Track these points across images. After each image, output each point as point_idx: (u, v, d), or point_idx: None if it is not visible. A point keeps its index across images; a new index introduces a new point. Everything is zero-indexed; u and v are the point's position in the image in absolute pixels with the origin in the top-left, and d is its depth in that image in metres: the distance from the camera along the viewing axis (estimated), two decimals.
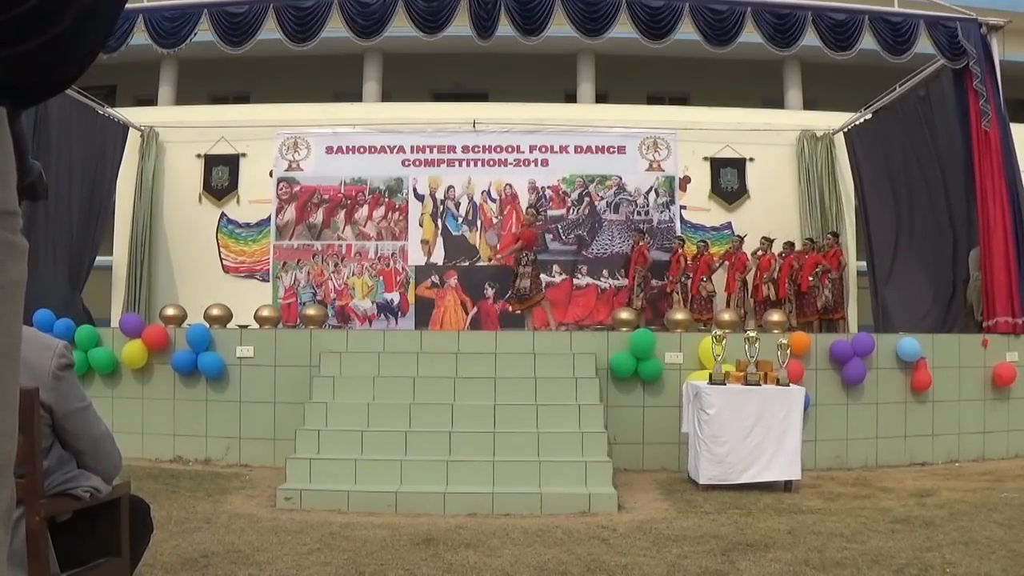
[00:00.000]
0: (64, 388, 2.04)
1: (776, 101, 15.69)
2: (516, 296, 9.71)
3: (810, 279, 10.98)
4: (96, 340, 7.61)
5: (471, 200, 12.18)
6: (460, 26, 8.86)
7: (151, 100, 15.59)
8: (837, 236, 11.43)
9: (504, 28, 8.78)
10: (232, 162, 12.40)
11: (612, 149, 12.26)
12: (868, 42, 8.76)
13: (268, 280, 12.08)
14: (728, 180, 12.38)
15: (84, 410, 2.10)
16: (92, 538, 2.21)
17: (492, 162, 12.22)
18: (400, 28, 8.94)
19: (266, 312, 8.51)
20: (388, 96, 15.75)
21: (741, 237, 11.73)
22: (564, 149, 12.24)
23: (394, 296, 12.04)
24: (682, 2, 8.55)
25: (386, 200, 12.18)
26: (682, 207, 12.22)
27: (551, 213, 12.12)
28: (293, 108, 12.75)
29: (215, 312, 8.13)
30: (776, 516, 5.32)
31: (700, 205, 12.30)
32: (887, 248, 10.91)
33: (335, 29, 8.79)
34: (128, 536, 2.25)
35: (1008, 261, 8.32)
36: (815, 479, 6.58)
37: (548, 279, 11.31)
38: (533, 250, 9.75)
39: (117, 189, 11.55)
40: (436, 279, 12.07)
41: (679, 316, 8.34)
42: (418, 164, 12.23)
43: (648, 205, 12.17)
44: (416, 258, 12.10)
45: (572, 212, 12.17)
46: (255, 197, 12.29)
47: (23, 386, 1.11)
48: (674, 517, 5.33)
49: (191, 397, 7.47)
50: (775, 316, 8.55)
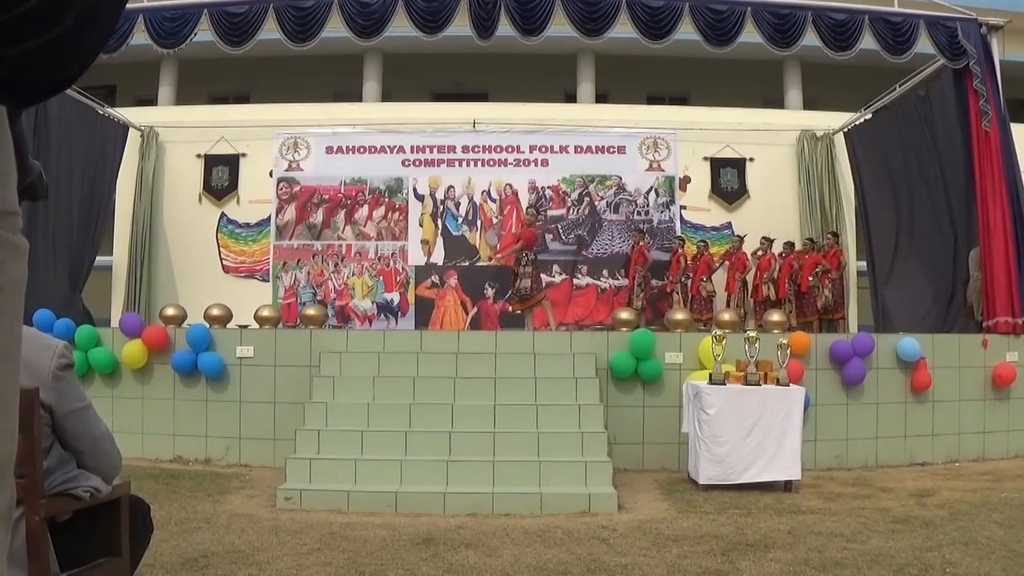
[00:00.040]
0: (64, 388, 2.04)
1: (776, 101, 15.69)
2: (517, 296, 9.70)
3: (810, 279, 10.98)
4: (96, 340, 7.61)
5: (471, 200, 12.18)
6: (460, 26, 8.87)
7: (151, 100, 15.59)
8: (837, 236, 11.43)
9: (504, 28, 8.78)
10: (232, 162, 12.41)
11: (612, 149, 12.26)
12: (868, 42, 8.76)
13: (268, 280, 12.08)
14: (728, 180, 12.38)
15: (84, 410, 2.10)
16: (92, 538, 2.21)
17: (492, 162, 12.22)
18: (400, 28, 8.94)
19: (266, 312, 8.51)
20: (388, 96, 15.75)
21: (741, 237, 11.74)
22: (564, 149, 12.24)
23: (394, 296, 12.04)
24: (682, 2, 8.55)
25: (386, 200, 12.18)
26: (682, 207, 12.22)
27: (551, 213, 12.12)
28: (293, 108, 12.75)
29: (215, 312, 8.13)
30: (776, 516, 5.32)
31: (700, 205, 12.30)
32: (887, 248, 10.90)
33: (335, 29, 8.80)
34: (128, 536, 2.25)
35: (1008, 261, 8.32)
36: (815, 479, 6.58)
37: (548, 279, 11.31)
38: (533, 250, 9.73)
39: (117, 189, 11.55)
40: (436, 279, 12.07)
41: (679, 316, 8.34)
42: (418, 164, 12.23)
43: (648, 205, 12.17)
44: (416, 258, 12.11)
45: (572, 212, 12.17)
46: (255, 197, 12.29)
47: (23, 386, 1.11)
48: (674, 517, 5.33)
49: (191, 397, 7.47)
50: (775, 316, 8.55)
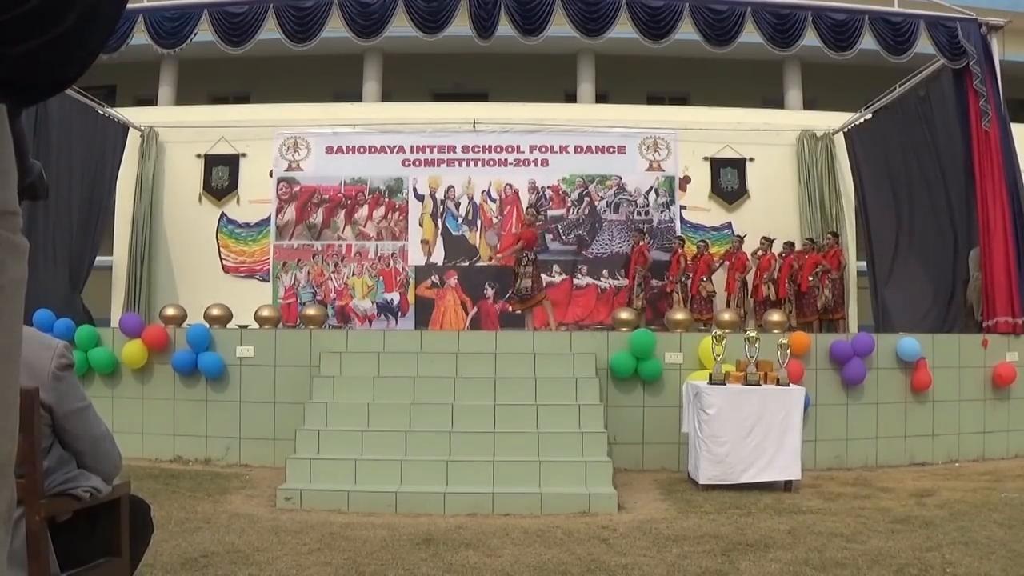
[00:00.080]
0: (64, 388, 2.04)
1: (776, 101, 15.69)
2: (517, 296, 9.70)
3: (810, 279, 10.98)
4: (96, 340, 7.61)
5: (471, 200, 12.18)
6: (460, 26, 8.87)
7: (151, 100, 15.59)
8: (837, 236, 11.43)
9: (504, 28, 8.78)
10: (232, 162, 12.40)
11: (612, 149, 12.26)
12: (868, 42, 8.76)
13: (268, 280, 12.08)
14: (728, 180, 12.38)
15: (84, 410, 2.10)
16: (92, 538, 2.20)
17: (492, 162, 12.22)
18: (400, 28, 8.94)
19: (266, 312, 8.51)
20: (388, 96, 15.75)
21: (741, 237, 11.73)
22: (564, 149, 12.24)
23: (394, 296, 12.04)
24: (682, 2, 8.55)
25: (386, 200, 12.18)
26: (682, 207, 12.22)
27: (551, 213, 12.11)
28: (293, 108, 12.75)
29: (215, 312, 8.13)
30: (776, 516, 5.32)
31: (700, 205, 12.30)
32: (887, 248, 10.90)
33: (335, 29, 8.79)
34: (128, 536, 2.25)
35: (1008, 261, 8.32)
36: (815, 479, 6.58)
37: (548, 279, 11.30)
38: (534, 250, 9.74)
39: (117, 189, 11.55)
40: (436, 279, 12.07)
41: (679, 316, 8.34)
42: (418, 164, 12.23)
43: (648, 205, 12.17)
44: (416, 258, 12.10)
45: (572, 212, 12.17)
46: (255, 197, 12.29)
47: (23, 386, 1.11)
48: (674, 517, 5.33)
49: (191, 397, 7.47)
50: (775, 316, 8.55)
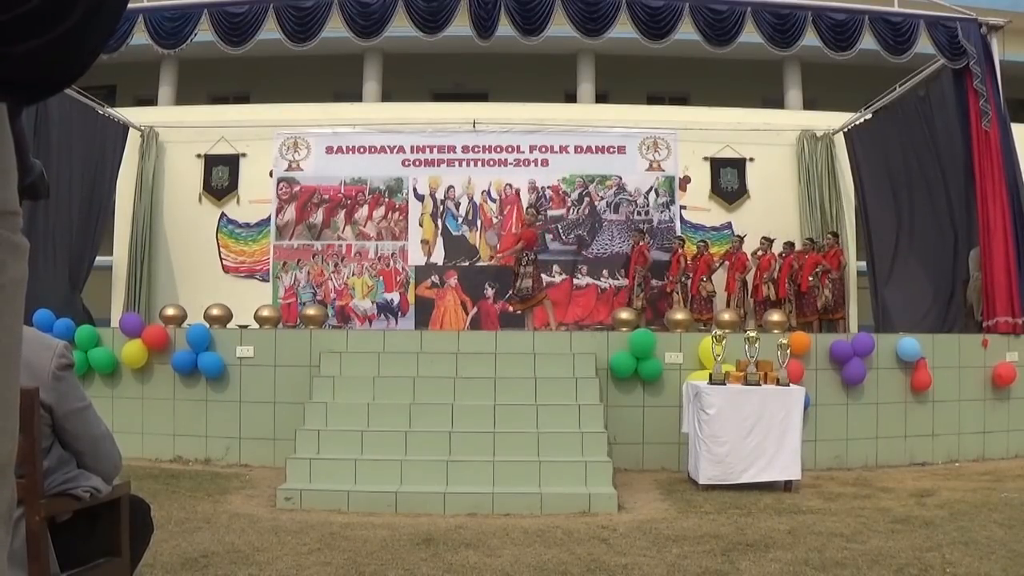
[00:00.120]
0: (64, 388, 2.04)
1: (776, 101, 15.69)
2: (518, 296, 9.70)
3: (810, 279, 10.98)
4: (96, 340, 7.61)
5: (471, 200, 12.18)
6: (460, 26, 8.86)
7: (151, 100, 15.59)
8: (837, 236, 11.44)
9: (504, 28, 8.78)
10: (232, 162, 12.40)
11: (612, 149, 12.26)
12: (868, 42, 8.76)
13: (268, 280, 12.08)
14: (728, 180, 12.38)
15: (84, 410, 2.10)
16: (92, 538, 2.20)
17: (492, 162, 12.22)
18: (400, 28, 8.94)
19: (266, 312, 8.51)
20: (388, 96, 15.75)
21: (741, 237, 11.73)
22: (564, 149, 12.24)
23: (394, 296, 12.04)
24: (682, 2, 8.55)
25: (386, 200, 12.18)
26: (682, 207, 12.22)
27: (551, 213, 12.11)
28: (293, 108, 12.75)
29: (215, 312, 8.13)
30: (776, 516, 5.32)
31: (700, 205, 12.30)
32: (887, 248, 10.90)
33: (335, 29, 8.79)
34: (128, 536, 2.25)
35: (1008, 261, 8.32)
36: (815, 479, 6.58)
37: (548, 279, 11.31)
38: (534, 250, 9.74)
39: (117, 189, 11.55)
40: (436, 279, 12.07)
41: (679, 316, 8.34)
42: (418, 164, 12.23)
43: (648, 205, 12.17)
44: (416, 258, 12.10)
45: (572, 212, 12.17)
46: (255, 197, 12.29)
47: (23, 386, 1.11)
48: (674, 517, 5.33)
49: (191, 397, 7.47)
50: (775, 316, 8.55)
